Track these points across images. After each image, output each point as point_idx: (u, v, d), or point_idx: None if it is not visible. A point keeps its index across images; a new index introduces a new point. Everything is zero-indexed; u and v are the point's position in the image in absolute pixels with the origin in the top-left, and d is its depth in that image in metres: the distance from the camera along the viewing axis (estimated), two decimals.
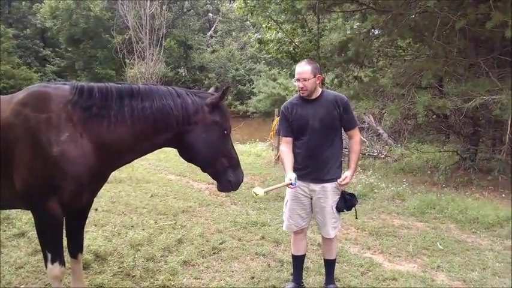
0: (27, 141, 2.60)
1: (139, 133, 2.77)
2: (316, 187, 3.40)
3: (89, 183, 2.77)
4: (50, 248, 2.85)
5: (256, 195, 3.15)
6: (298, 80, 3.34)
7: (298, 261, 3.75)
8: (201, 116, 2.86)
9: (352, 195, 3.49)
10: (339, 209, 3.43)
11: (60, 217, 2.81)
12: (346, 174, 3.33)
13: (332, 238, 3.55)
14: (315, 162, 3.36)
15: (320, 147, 3.36)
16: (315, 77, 3.32)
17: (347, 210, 3.50)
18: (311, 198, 3.48)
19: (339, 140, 3.50)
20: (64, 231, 3.03)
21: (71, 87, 2.74)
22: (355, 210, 3.59)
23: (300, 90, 3.39)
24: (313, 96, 3.40)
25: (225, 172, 2.98)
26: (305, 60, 3.47)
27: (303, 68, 3.33)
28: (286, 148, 3.49)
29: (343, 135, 3.61)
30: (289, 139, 3.51)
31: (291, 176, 3.23)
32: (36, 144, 2.60)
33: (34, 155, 2.60)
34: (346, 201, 3.43)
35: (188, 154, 2.97)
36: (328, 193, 3.39)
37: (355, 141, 3.49)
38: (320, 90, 3.44)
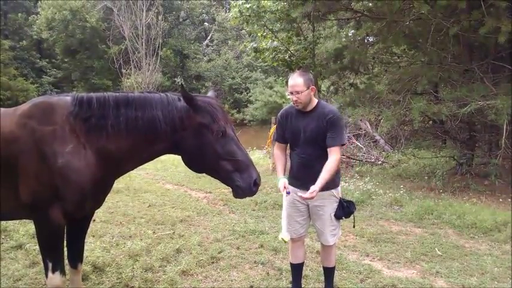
0: (33, 152, 2.64)
1: (136, 142, 2.79)
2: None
3: (92, 192, 2.79)
4: (51, 257, 2.85)
5: (285, 242, 3.16)
6: (292, 93, 3.28)
7: (296, 270, 3.74)
8: (188, 121, 2.79)
9: (350, 202, 3.48)
10: (338, 216, 3.42)
11: (62, 226, 2.82)
12: (313, 188, 3.10)
13: (331, 245, 3.53)
14: (309, 173, 3.28)
15: (313, 159, 3.30)
16: (308, 88, 3.25)
17: (345, 218, 3.48)
18: (308, 205, 3.48)
19: None
20: (65, 241, 3.03)
21: (72, 99, 2.78)
22: (354, 218, 3.58)
23: (294, 103, 3.33)
24: (308, 108, 3.34)
25: (231, 177, 2.80)
26: (297, 71, 3.39)
27: (296, 80, 3.25)
28: (279, 151, 3.57)
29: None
30: (283, 145, 3.57)
31: (281, 184, 3.25)
32: (42, 155, 2.63)
33: (40, 166, 2.63)
34: (344, 209, 3.41)
35: (186, 162, 2.93)
36: (325, 201, 3.38)
37: (331, 159, 3.21)
38: (316, 101, 3.37)
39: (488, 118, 6.91)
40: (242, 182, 2.79)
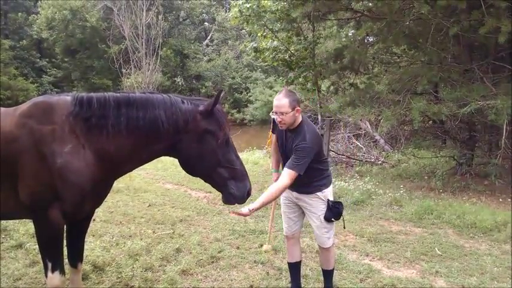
0: (33, 152, 2.63)
1: (136, 142, 2.77)
2: (300, 196, 3.46)
3: (92, 193, 2.78)
4: (51, 257, 2.85)
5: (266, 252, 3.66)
6: (276, 113, 3.21)
7: (294, 268, 3.75)
8: (193, 124, 2.78)
9: (338, 203, 3.45)
10: (327, 218, 3.40)
11: (62, 226, 2.82)
12: (252, 206, 3.00)
13: (328, 248, 3.54)
14: (292, 183, 3.24)
15: None
16: (293, 109, 3.17)
17: (335, 219, 3.44)
18: (297, 203, 3.53)
19: (318, 164, 3.36)
20: (65, 240, 3.03)
21: (72, 99, 2.76)
22: (343, 219, 3.53)
23: (278, 123, 3.28)
24: (292, 127, 3.29)
25: (226, 184, 2.85)
26: (283, 91, 3.29)
27: (281, 101, 3.17)
28: (274, 141, 3.68)
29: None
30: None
31: (274, 178, 3.52)
32: (41, 155, 2.62)
33: (39, 166, 2.63)
34: (332, 210, 3.38)
35: (182, 164, 2.92)
36: (311, 202, 3.41)
37: (279, 182, 3.14)
38: (300, 120, 3.28)
39: (488, 118, 6.90)
40: (236, 190, 2.87)
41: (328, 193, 3.44)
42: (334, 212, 3.38)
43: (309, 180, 3.32)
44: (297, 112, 3.21)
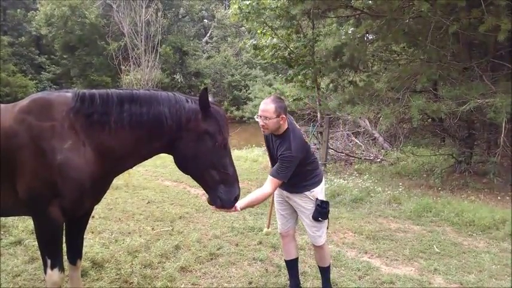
0: (31, 149, 2.62)
1: (138, 138, 2.77)
2: (290, 195, 3.47)
3: (91, 190, 2.78)
4: (50, 254, 2.85)
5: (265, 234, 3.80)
6: (260, 116, 3.20)
7: (291, 266, 3.76)
8: (194, 123, 2.79)
9: (325, 203, 3.42)
10: (315, 218, 3.40)
11: (61, 223, 2.81)
12: (237, 204, 2.99)
13: (321, 246, 3.54)
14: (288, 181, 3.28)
15: None
16: (278, 116, 3.15)
17: (322, 219, 3.42)
18: (287, 201, 3.55)
19: (305, 167, 3.37)
20: (64, 237, 3.03)
21: (73, 95, 2.75)
22: (328, 219, 3.52)
23: (261, 127, 3.26)
24: (277, 133, 3.28)
25: (215, 187, 2.86)
26: (271, 97, 3.29)
27: (267, 105, 3.16)
28: None
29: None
30: None
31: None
32: (40, 152, 2.61)
33: (38, 163, 2.62)
34: (318, 209, 3.37)
35: (177, 161, 2.92)
36: (300, 201, 3.42)
37: (263, 188, 3.20)
38: (285, 128, 3.25)
39: (487, 116, 6.92)
40: (225, 194, 2.86)
41: (318, 191, 3.42)
42: (321, 212, 3.37)
43: (297, 181, 3.34)
44: (281, 120, 3.18)
